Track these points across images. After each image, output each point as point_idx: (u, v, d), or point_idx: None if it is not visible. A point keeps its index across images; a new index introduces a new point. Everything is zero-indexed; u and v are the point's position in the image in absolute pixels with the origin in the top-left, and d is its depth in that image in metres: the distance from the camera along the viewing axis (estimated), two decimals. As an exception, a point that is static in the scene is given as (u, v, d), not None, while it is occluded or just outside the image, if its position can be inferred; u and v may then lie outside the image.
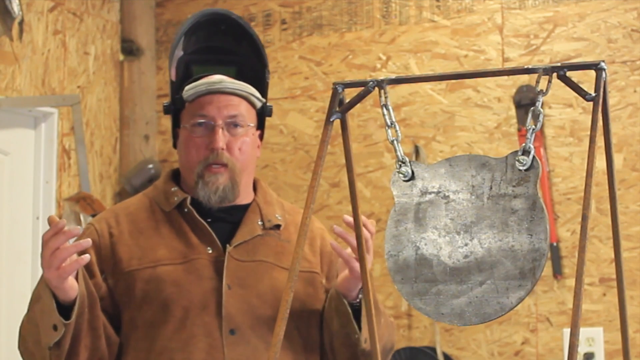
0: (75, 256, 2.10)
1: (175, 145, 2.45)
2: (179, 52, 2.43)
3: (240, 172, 2.36)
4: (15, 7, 3.77)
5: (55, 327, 2.12)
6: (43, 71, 4.18)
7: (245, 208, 2.40)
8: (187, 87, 2.37)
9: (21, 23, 3.88)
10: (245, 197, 2.42)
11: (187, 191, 2.40)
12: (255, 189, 2.46)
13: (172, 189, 2.40)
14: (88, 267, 2.31)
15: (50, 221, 2.07)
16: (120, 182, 4.55)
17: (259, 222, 2.39)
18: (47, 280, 2.11)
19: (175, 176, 2.46)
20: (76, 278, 2.14)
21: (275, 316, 2.26)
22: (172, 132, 2.44)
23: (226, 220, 2.38)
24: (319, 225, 2.48)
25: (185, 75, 2.42)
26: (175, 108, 2.40)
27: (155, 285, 2.29)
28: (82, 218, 4.20)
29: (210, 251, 2.32)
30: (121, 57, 4.64)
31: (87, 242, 2.09)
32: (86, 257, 2.08)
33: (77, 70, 4.37)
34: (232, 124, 2.35)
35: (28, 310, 2.24)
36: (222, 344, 2.25)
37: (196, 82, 2.37)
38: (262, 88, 2.43)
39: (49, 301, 2.12)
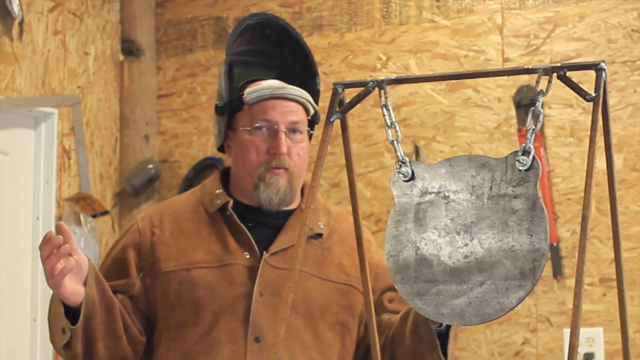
0: (68, 264, 2.10)
1: (221, 146, 2.44)
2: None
3: (298, 177, 2.38)
4: (15, 7, 3.77)
5: (63, 330, 2.17)
6: (43, 71, 4.18)
7: (289, 214, 2.40)
8: (247, 90, 2.37)
9: (21, 23, 3.88)
10: (293, 202, 2.41)
11: (235, 193, 2.40)
12: (302, 193, 2.44)
13: (217, 191, 2.40)
14: (124, 266, 2.36)
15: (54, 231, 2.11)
16: (120, 182, 4.55)
17: None
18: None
19: (224, 176, 2.46)
20: (85, 283, 2.16)
21: (304, 326, 2.29)
22: (223, 133, 2.42)
23: (269, 225, 2.38)
24: (366, 237, 2.42)
25: (228, 75, 2.42)
26: (231, 109, 2.40)
27: (189, 287, 2.31)
28: (82, 218, 4.21)
29: (247, 256, 2.32)
30: (121, 57, 4.64)
31: (65, 248, 2.08)
32: (66, 269, 2.08)
33: (77, 71, 4.37)
34: (293, 130, 2.36)
35: (49, 307, 2.28)
36: (246, 351, 2.25)
37: (258, 86, 2.37)
38: (311, 95, 2.42)
39: (58, 305, 2.18)
